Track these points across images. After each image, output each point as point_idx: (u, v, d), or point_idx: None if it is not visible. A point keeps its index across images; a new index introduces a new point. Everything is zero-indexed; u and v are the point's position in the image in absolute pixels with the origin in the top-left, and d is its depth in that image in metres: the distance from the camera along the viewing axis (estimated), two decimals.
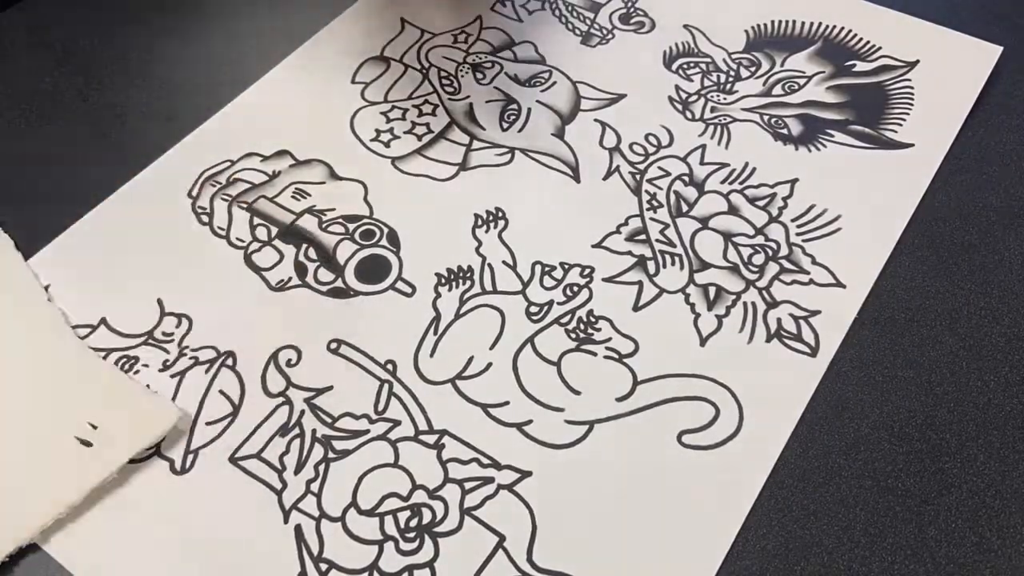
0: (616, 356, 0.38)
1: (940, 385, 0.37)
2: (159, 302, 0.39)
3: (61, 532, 0.33)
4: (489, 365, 0.37)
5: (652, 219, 0.42)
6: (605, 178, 0.44)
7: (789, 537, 0.33)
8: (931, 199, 0.42)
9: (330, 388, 0.37)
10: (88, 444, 0.34)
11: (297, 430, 0.36)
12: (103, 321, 0.39)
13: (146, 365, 0.37)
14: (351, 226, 0.42)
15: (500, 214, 0.42)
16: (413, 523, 0.33)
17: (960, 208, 0.42)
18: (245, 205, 0.43)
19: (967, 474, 0.34)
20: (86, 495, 0.33)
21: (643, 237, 0.41)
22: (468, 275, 0.40)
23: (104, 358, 0.37)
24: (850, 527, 0.33)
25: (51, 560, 0.33)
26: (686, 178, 0.43)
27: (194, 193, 0.43)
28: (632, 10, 0.51)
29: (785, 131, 0.45)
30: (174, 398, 0.36)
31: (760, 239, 0.41)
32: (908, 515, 0.33)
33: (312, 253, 0.41)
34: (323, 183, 0.44)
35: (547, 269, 0.40)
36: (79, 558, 0.33)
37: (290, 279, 0.40)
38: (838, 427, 0.35)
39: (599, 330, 0.38)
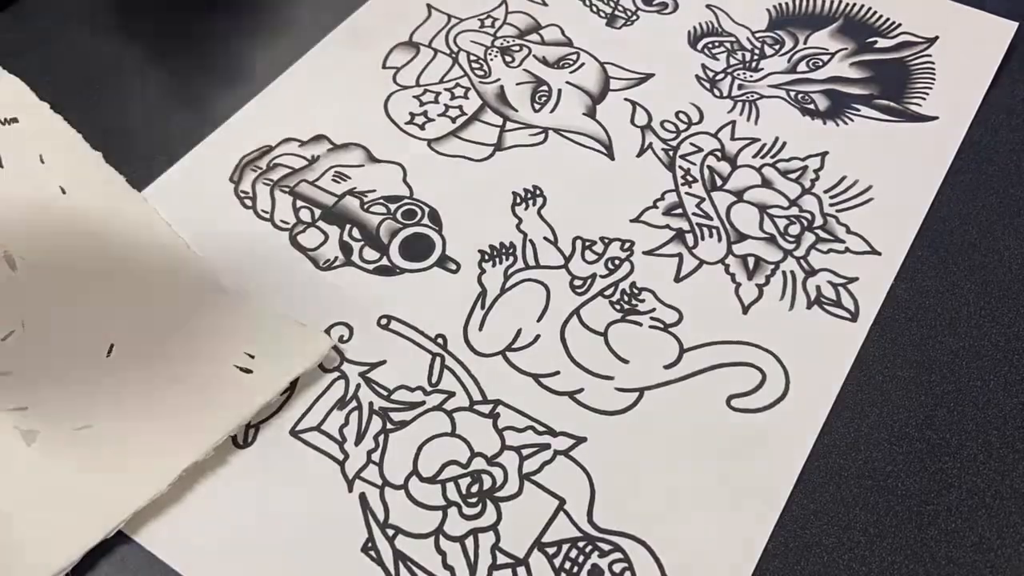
0: (661, 325, 0.38)
1: (940, 385, 0.37)
2: None
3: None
4: (537, 337, 0.38)
5: (687, 193, 0.43)
6: (639, 155, 0.45)
7: (789, 537, 0.33)
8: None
9: (383, 362, 0.38)
10: (248, 371, 0.36)
11: (354, 403, 0.36)
12: None
13: None
14: (392, 206, 0.43)
15: (538, 192, 0.43)
16: (474, 489, 0.34)
17: (960, 208, 0.42)
18: (287, 189, 0.43)
19: (967, 474, 0.35)
20: (253, 415, 0.35)
21: (680, 211, 0.42)
22: (511, 251, 0.41)
23: None
24: (850, 527, 0.33)
25: (132, 543, 0.33)
26: (718, 153, 0.44)
27: (235, 178, 0.44)
28: None
29: (812, 106, 0.46)
30: None
31: (795, 210, 0.42)
32: (908, 515, 0.34)
33: (356, 233, 0.42)
34: (362, 166, 0.44)
35: (587, 244, 0.41)
36: (157, 539, 0.33)
37: (336, 258, 0.41)
38: (838, 427, 0.36)
39: (643, 301, 0.39)
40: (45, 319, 0.38)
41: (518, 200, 0.43)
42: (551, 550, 0.33)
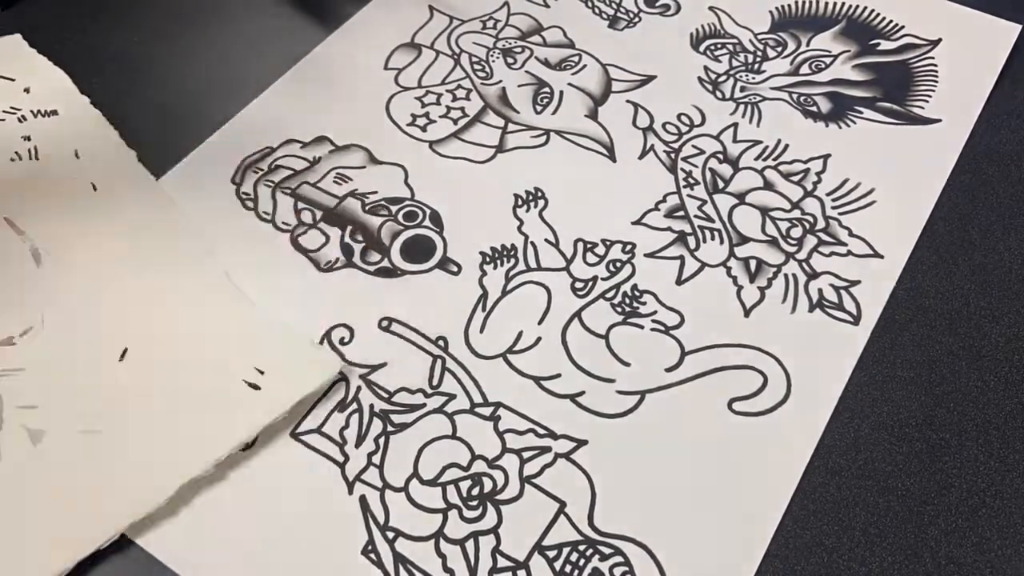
0: (663, 328, 0.38)
1: (940, 385, 0.37)
2: None
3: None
4: (538, 339, 0.38)
5: (689, 196, 0.43)
6: (640, 157, 0.45)
7: (789, 537, 0.33)
8: None
9: (384, 365, 0.37)
10: (256, 387, 0.36)
11: (355, 405, 0.36)
12: None
13: None
14: (393, 208, 0.43)
15: (539, 194, 0.43)
16: (475, 492, 0.34)
17: (961, 208, 0.42)
18: (289, 190, 0.43)
19: (967, 474, 0.35)
20: (257, 433, 0.35)
21: (682, 213, 0.42)
22: (512, 253, 0.41)
23: None
24: (850, 527, 0.33)
25: (132, 544, 0.33)
26: (720, 155, 0.44)
27: (237, 180, 0.44)
28: None
29: (815, 108, 0.46)
30: None
31: (797, 213, 0.42)
32: (908, 515, 0.34)
33: (357, 235, 0.42)
34: (363, 167, 0.44)
35: (589, 246, 0.41)
36: (157, 541, 0.33)
37: (337, 260, 0.41)
38: (838, 427, 0.36)
39: (644, 304, 0.39)
40: (64, 317, 0.38)
41: (519, 202, 0.43)
42: (552, 553, 0.33)
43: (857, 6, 0.51)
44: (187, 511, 0.34)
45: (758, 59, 0.49)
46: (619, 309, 0.39)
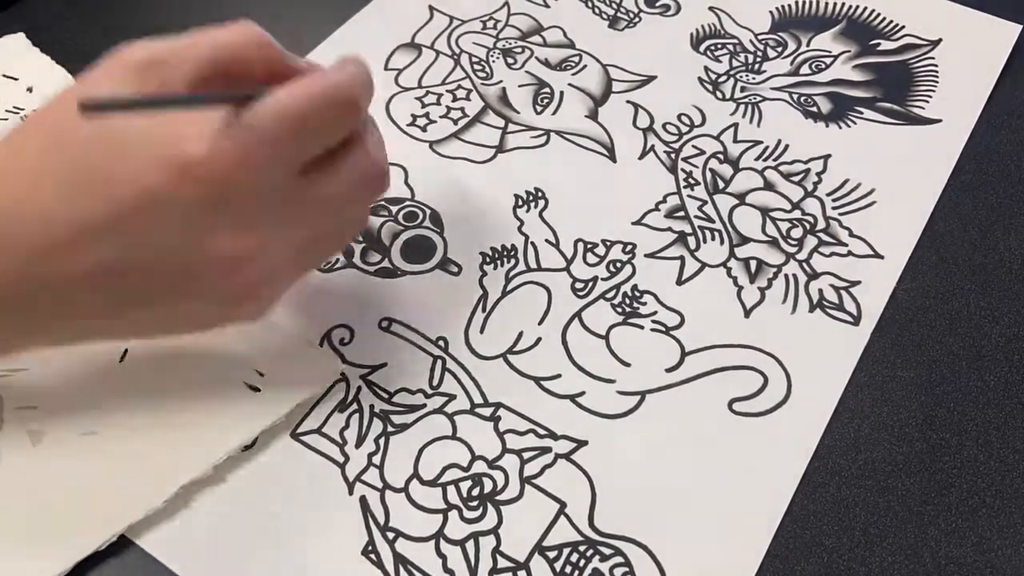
0: (663, 328, 0.38)
1: (940, 385, 0.37)
2: None
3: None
4: (539, 340, 0.38)
5: (690, 196, 0.43)
6: (641, 157, 0.45)
7: (789, 537, 0.33)
8: None
9: (384, 365, 0.37)
10: (256, 389, 0.35)
11: (355, 406, 0.36)
12: None
13: None
14: (393, 208, 0.43)
15: (540, 194, 0.43)
16: (475, 492, 0.34)
17: (961, 208, 0.42)
18: None
19: (967, 474, 0.35)
20: (256, 436, 0.35)
21: (682, 214, 0.42)
22: (512, 254, 0.41)
23: None
24: (850, 527, 0.33)
25: (132, 545, 0.33)
26: (721, 156, 0.44)
27: None
28: None
29: (815, 109, 0.46)
30: None
31: (797, 213, 0.42)
32: (908, 515, 0.34)
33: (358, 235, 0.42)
34: None
35: (589, 246, 0.41)
36: (157, 541, 0.33)
37: (337, 260, 0.41)
38: (838, 427, 0.36)
39: (644, 304, 0.39)
40: None
41: (520, 202, 0.43)
42: (552, 554, 0.33)
43: (857, 6, 0.51)
44: (187, 511, 0.34)
45: (758, 59, 0.49)
46: (619, 309, 0.39)
